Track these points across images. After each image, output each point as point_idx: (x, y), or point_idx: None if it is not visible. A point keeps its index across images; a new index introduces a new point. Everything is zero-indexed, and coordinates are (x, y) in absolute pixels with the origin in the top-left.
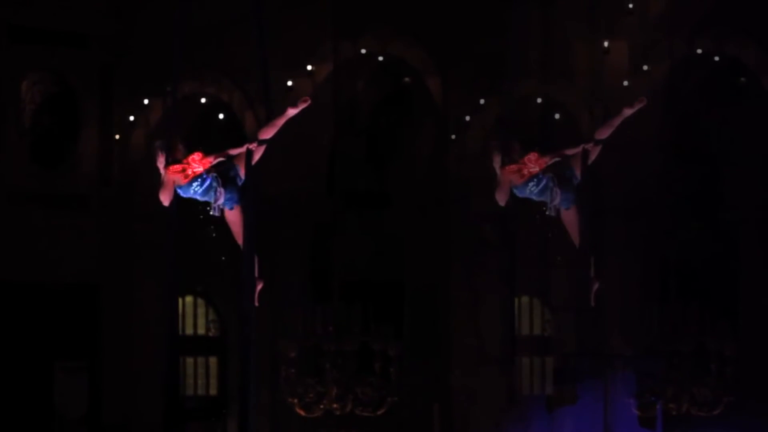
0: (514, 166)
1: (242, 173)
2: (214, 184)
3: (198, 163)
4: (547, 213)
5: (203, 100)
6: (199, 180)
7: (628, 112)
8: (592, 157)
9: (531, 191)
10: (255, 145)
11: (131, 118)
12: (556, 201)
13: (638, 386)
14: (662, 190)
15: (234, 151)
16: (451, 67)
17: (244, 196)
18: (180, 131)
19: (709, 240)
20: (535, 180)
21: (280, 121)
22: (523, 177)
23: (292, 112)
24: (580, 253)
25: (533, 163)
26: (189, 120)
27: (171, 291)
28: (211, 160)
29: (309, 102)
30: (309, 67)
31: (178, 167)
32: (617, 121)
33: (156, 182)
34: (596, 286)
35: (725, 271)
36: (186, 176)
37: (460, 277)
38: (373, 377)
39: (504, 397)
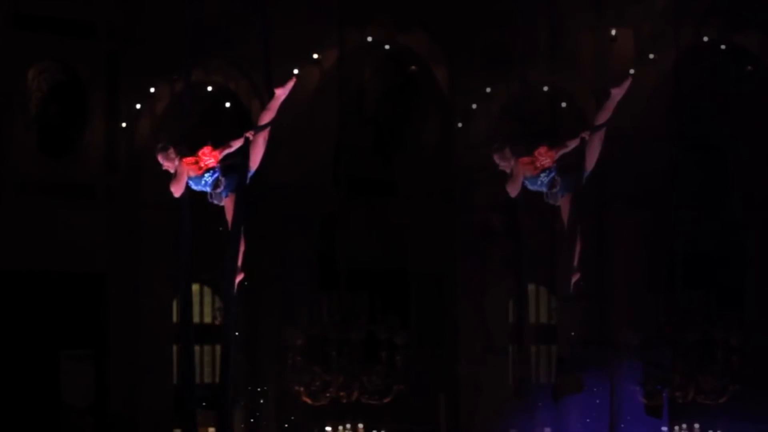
0: (527, 158)
1: (247, 162)
2: (219, 175)
3: (209, 156)
4: (545, 200)
5: (210, 89)
6: (210, 172)
7: (617, 92)
8: (597, 143)
9: (542, 182)
10: (252, 133)
11: (138, 106)
12: (556, 188)
13: (644, 375)
14: (669, 179)
15: (236, 143)
16: (457, 56)
17: (239, 184)
18: (187, 122)
19: (716, 229)
20: (546, 172)
21: (274, 105)
22: (537, 169)
23: (280, 92)
24: (567, 240)
25: (543, 156)
26: (196, 108)
27: (184, 280)
28: (219, 153)
29: (295, 81)
30: (315, 56)
31: (191, 159)
32: (611, 104)
33: (163, 171)
34: (576, 277)
35: (731, 261)
36: (200, 168)
37: (465, 266)
38: (379, 366)
39: (511, 386)
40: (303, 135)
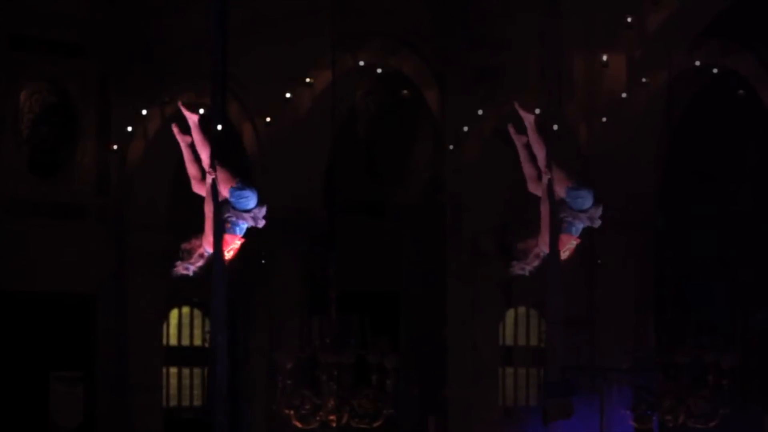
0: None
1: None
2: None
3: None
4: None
5: (201, 111)
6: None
7: (534, 136)
8: (554, 180)
9: (575, 203)
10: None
11: (129, 128)
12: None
13: (634, 398)
14: (659, 202)
15: (210, 204)
16: (448, 79)
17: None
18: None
19: (706, 252)
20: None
21: (198, 137)
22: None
23: (195, 127)
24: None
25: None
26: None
27: (220, 328)
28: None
29: (198, 117)
30: (307, 79)
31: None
32: (534, 139)
33: (152, 194)
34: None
35: (721, 283)
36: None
37: (456, 289)
38: (369, 389)
39: (501, 409)
40: (294, 157)
